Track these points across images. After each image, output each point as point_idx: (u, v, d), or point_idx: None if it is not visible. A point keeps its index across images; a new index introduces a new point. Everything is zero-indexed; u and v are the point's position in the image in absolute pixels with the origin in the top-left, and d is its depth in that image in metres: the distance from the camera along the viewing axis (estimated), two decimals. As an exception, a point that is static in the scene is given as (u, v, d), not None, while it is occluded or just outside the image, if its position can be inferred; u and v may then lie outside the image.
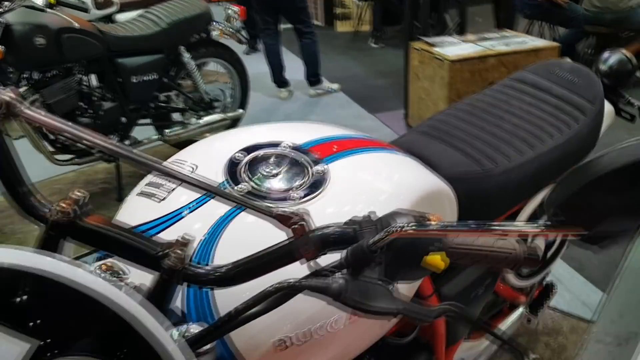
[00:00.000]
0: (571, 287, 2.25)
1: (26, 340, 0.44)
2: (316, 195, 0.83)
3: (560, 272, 2.38)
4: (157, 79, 3.42)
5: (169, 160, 0.99)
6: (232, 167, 0.85)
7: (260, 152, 0.89)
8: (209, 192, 0.66)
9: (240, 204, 0.64)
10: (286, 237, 0.63)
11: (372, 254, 0.57)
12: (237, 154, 0.87)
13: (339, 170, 0.86)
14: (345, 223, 0.62)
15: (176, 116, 3.76)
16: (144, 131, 3.54)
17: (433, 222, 0.58)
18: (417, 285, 0.98)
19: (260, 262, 0.61)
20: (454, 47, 3.38)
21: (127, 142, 3.41)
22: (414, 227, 0.56)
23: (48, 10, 3.00)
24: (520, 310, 1.53)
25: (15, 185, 0.70)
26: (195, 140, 3.55)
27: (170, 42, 3.41)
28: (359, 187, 0.87)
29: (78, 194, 0.66)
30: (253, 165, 0.86)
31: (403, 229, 0.56)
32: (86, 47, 3.08)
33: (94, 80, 3.31)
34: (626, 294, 1.14)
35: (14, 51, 2.82)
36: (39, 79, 3.04)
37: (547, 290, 1.60)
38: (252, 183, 0.83)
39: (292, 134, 0.96)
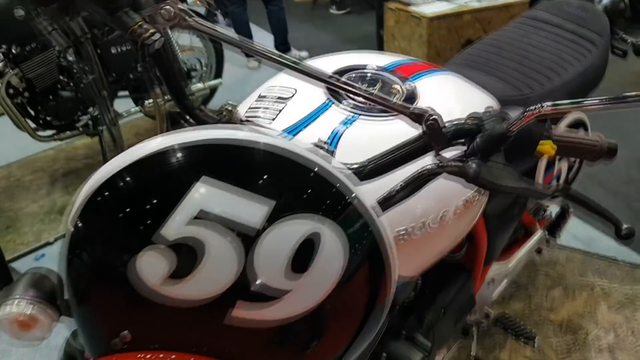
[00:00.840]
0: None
1: (266, 203, 0.50)
2: None
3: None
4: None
5: (267, 87, 1.04)
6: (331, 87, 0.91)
7: (352, 74, 0.95)
8: (368, 99, 0.70)
9: (385, 106, 0.69)
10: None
11: (505, 139, 0.65)
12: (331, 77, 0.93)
13: (424, 86, 0.94)
14: (467, 119, 0.69)
15: (154, 88, 3.73)
16: (122, 104, 3.50)
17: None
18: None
19: (396, 155, 0.67)
20: (429, 6, 3.46)
21: (109, 115, 3.38)
22: (550, 107, 0.64)
23: (26, -19, 2.92)
24: (540, 233, 1.66)
25: (181, 97, 0.75)
26: (176, 111, 3.55)
27: (147, 11, 3.37)
28: (446, 99, 0.95)
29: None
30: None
31: (541, 109, 0.64)
32: (65, 19, 3.02)
33: (71, 53, 3.25)
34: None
35: (-6, 24, 2.76)
36: (18, 53, 2.97)
37: (564, 214, 1.73)
38: (357, 99, 0.90)
39: (370, 59, 1.03)
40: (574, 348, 1.83)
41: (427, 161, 0.69)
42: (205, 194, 0.50)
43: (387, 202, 0.65)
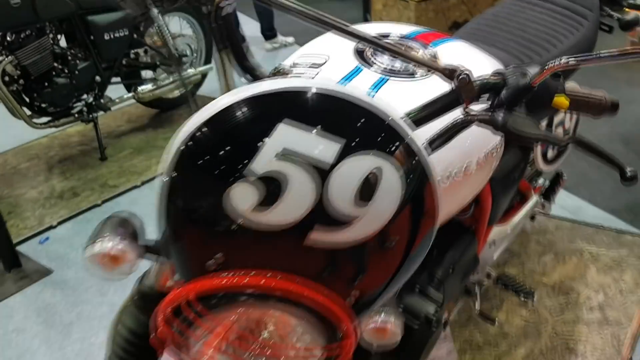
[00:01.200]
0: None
1: (338, 141, 0.59)
2: None
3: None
4: (127, 35, 3.41)
5: (300, 54, 1.11)
6: (360, 54, 1.00)
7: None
8: (415, 60, 0.78)
9: (426, 65, 0.77)
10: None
11: (528, 91, 0.74)
12: (358, 45, 1.01)
13: (443, 51, 1.03)
14: (492, 75, 0.78)
15: (145, 74, 3.77)
16: (115, 91, 3.53)
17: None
18: None
19: (430, 109, 0.76)
20: (416, -11, 3.55)
21: (102, 101, 3.41)
22: (571, 59, 0.73)
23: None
24: (535, 198, 1.76)
25: (242, 59, 0.82)
26: (167, 98, 3.65)
27: (138, -2, 3.41)
28: (466, 61, 1.03)
29: None
30: (376, 51, 1.00)
31: (562, 62, 0.73)
32: (59, 6, 3.05)
33: (65, 40, 3.28)
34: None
35: (-10, 12, 2.77)
36: (13, 41, 2.99)
37: (558, 179, 1.84)
38: (385, 64, 0.98)
39: (392, 29, 1.11)
40: (567, 308, 1.95)
41: (456, 114, 0.77)
42: (287, 134, 0.58)
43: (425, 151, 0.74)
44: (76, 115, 3.30)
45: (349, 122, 0.62)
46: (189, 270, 0.63)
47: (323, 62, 1.06)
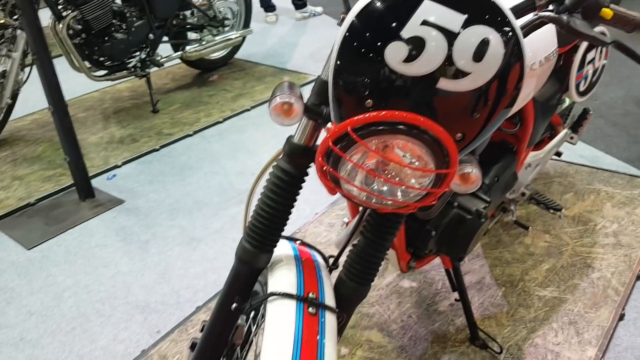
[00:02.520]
0: (569, 146, 2.79)
1: (462, 15, 0.86)
2: None
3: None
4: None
5: None
6: None
7: None
8: None
9: None
10: None
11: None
12: None
13: None
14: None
15: (190, 36, 4.03)
16: (162, 50, 3.78)
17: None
18: None
19: (513, 11, 1.03)
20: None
21: (156, 58, 3.67)
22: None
23: None
24: (565, 130, 2.04)
25: None
26: (208, 59, 3.98)
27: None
28: None
29: None
30: None
31: (611, -23, 1.00)
32: (120, -35, 3.32)
33: (121, -1, 3.54)
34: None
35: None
36: (78, -4, 3.25)
37: (585, 114, 2.12)
38: None
39: None
40: (585, 234, 2.23)
41: (529, 17, 1.05)
42: (428, 9, 0.85)
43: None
44: (131, 69, 3.58)
45: (471, 2, 0.89)
46: (348, 111, 0.90)
47: None
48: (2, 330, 1.99)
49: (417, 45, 0.86)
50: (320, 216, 2.47)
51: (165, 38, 3.79)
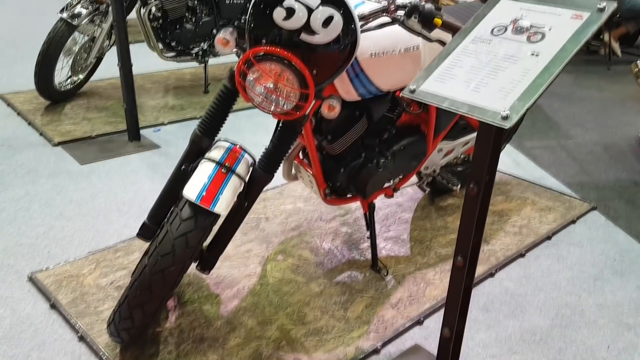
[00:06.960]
0: (522, 164, 3.33)
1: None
2: None
3: (517, 159, 3.48)
4: (244, 2, 4.47)
5: None
6: None
7: None
8: None
9: None
10: None
11: (417, 9, 1.66)
12: None
13: None
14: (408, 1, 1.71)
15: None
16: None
17: None
18: None
19: (377, 10, 1.69)
20: None
21: (216, 50, 4.49)
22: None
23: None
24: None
25: None
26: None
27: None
28: None
29: None
30: None
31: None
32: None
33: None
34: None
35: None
36: (161, -11, 4.10)
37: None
38: None
39: None
40: (496, 223, 2.78)
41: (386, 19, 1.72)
42: None
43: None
44: (194, 55, 4.40)
45: None
46: (253, 43, 1.61)
47: None
48: (47, 209, 2.77)
49: (290, 11, 1.56)
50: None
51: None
